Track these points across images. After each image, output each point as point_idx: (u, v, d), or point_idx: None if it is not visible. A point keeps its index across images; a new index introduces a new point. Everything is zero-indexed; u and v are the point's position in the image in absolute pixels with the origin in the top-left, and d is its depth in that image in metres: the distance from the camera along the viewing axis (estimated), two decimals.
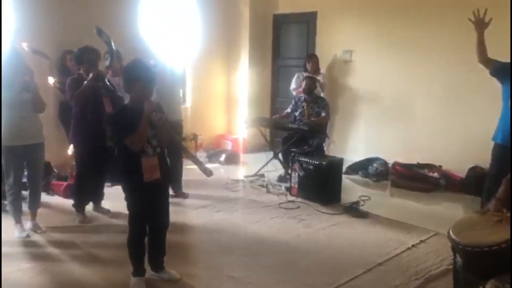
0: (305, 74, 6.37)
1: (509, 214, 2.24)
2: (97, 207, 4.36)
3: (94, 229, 3.98)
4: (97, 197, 4.34)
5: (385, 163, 5.97)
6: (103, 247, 3.61)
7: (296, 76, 6.59)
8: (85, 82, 3.94)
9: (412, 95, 6.04)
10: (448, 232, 2.24)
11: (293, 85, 6.60)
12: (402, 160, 5.90)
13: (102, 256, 3.44)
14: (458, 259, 2.27)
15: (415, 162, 5.77)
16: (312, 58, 6.55)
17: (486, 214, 2.34)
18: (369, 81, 6.39)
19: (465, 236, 2.16)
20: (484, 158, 4.92)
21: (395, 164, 5.89)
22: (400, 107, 6.18)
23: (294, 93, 6.51)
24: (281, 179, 5.68)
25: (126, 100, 4.23)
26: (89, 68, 4.02)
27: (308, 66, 6.51)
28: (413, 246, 3.72)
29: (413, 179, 5.57)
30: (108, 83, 4.17)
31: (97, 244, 3.67)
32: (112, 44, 4.18)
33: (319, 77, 6.44)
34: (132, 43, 5.86)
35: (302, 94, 5.92)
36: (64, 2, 5.61)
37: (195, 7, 7.07)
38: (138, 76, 2.80)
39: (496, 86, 3.94)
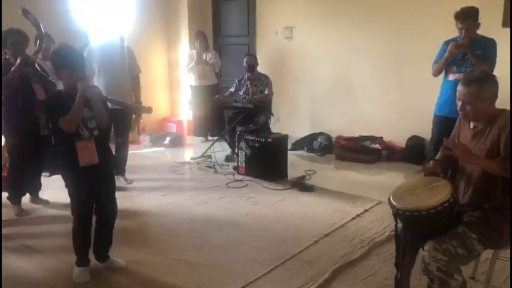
0: (195, 51, 6.62)
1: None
2: (35, 198, 4.14)
3: (33, 221, 3.78)
4: (33, 187, 4.12)
5: (329, 138, 6.09)
6: (43, 239, 3.44)
7: (189, 53, 6.82)
8: (13, 68, 3.69)
9: (352, 70, 6.12)
10: (389, 199, 2.28)
11: (186, 60, 6.80)
12: (346, 134, 6.04)
13: (43, 247, 3.27)
14: (399, 224, 2.34)
15: (357, 135, 5.93)
16: (199, 36, 6.62)
17: (424, 178, 2.42)
18: (311, 57, 6.41)
19: (405, 202, 2.22)
20: (421, 128, 5.16)
21: (339, 138, 6.03)
22: (341, 82, 6.26)
23: (187, 70, 6.74)
24: (228, 159, 5.65)
25: (59, 85, 4.06)
26: (16, 52, 3.76)
27: (196, 44, 6.57)
28: (357, 215, 3.83)
29: (356, 151, 5.73)
30: (38, 68, 3.95)
31: (37, 235, 3.50)
32: (41, 26, 3.95)
33: (209, 55, 6.52)
34: (63, 24, 5.58)
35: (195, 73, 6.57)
36: None
37: None
38: (65, 62, 2.71)
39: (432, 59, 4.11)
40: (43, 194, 4.19)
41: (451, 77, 3.95)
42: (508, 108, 2.28)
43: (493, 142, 2.19)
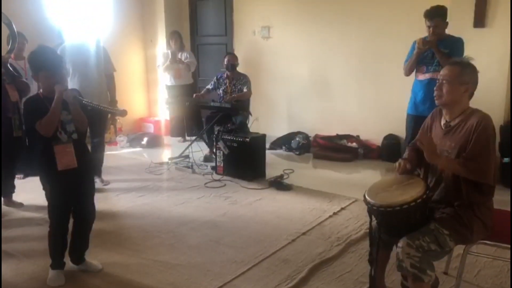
0: (170, 51, 6.58)
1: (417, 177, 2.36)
2: (8, 200, 4.05)
3: (6, 224, 3.68)
4: (7, 190, 4.03)
5: (307, 137, 6.13)
6: (16, 242, 3.36)
7: (162, 53, 6.76)
8: None
9: (329, 69, 6.17)
10: (364, 196, 2.31)
11: (161, 60, 6.73)
12: (323, 132, 6.09)
13: (16, 250, 3.20)
14: (374, 220, 2.37)
15: (334, 134, 5.98)
16: (174, 35, 6.59)
17: (399, 176, 2.46)
18: (288, 56, 6.43)
19: (379, 198, 2.24)
20: (397, 127, 5.23)
21: (316, 136, 6.07)
22: (319, 81, 6.31)
23: (160, 69, 6.70)
24: (206, 159, 5.64)
25: (32, 85, 3.99)
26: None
27: (172, 44, 6.54)
28: (334, 213, 3.87)
29: (334, 150, 5.79)
30: (11, 68, 3.87)
31: (10, 239, 3.40)
32: (13, 26, 3.88)
33: (184, 55, 6.51)
34: (37, 23, 5.48)
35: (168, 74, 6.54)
36: None
37: None
38: (43, 64, 2.66)
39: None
40: (16, 197, 4.11)
41: (421, 76, 4.00)
42: (480, 108, 2.33)
43: (464, 141, 2.23)
